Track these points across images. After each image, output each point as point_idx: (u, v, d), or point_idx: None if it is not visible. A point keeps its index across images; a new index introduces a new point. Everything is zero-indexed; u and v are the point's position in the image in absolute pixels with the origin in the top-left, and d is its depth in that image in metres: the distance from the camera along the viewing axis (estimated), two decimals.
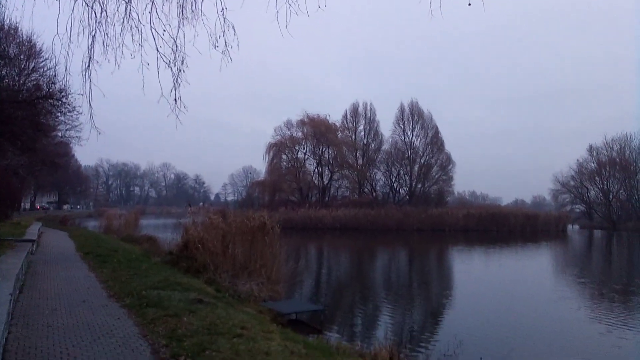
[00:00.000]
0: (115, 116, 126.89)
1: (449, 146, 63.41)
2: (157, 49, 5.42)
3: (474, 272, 21.58)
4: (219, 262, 11.93)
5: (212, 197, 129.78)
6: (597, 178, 74.79)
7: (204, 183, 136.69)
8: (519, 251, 32.01)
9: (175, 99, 5.46)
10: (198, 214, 15.16)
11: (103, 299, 7.95)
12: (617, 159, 73.71)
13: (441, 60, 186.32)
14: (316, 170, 61.67)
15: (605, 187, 74.34)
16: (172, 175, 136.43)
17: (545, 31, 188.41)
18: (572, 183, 76.79)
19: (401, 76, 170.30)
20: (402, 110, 63.52)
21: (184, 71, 5.51)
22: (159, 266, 12.38)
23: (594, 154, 75.93)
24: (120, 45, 5.20)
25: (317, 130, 58.82)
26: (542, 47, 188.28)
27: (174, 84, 5.41)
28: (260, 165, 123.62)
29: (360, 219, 50.34)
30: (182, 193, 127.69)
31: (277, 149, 59.42)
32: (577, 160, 77.16)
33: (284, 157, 60.85)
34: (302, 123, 60.38)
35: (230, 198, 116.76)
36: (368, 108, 64.02)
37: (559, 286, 17.48)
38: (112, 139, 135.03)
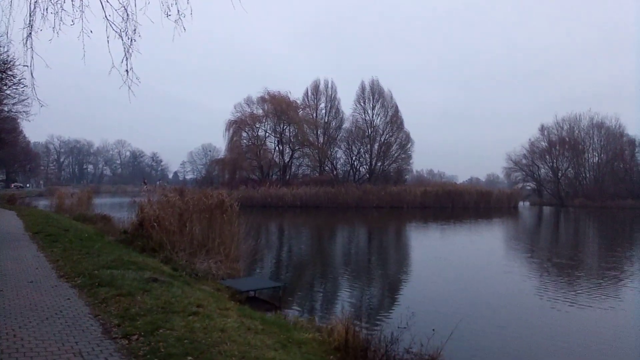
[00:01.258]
0: (65, 90, 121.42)
1: (407, 125, 64.37)
2: (105, 17, 5.17)
3: (429, 247, 22.26)
4: (175, 241, 11.74)
5: (171, 176, 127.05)
6: (547, 157, 78.21)
7: (161, 161, 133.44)
8: (473, 227, 33.19)
9: (127, 70, 5.25)
10: (154, 192, 14.80)
11: (52, 279, 7.68)
12: (567, 139, 77.20)
13: (401, 41, 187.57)
14: (277, 148, 61.29)
15: (555, 165, 77.89)
16: (128, 153, 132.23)
17: (500, 15, 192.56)
18: (524, 161, 79.91)
19: (362, 55, 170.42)
20: (362, 89, 63.80)
21: (135, 40, 5.29)
22: (112, 245, 12.06)
23: (545, 133, 79.22)
24: (60, 11, 4.90)
25: (278, 107, 58.17)
26: (498, 31, 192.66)
27: (125, 54, 5.19)
28: (220, 143, 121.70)
29: (320, 196, 50.69)
30: (139, 171, 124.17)
31: (237, 126, 58.44)
32: (529, 139, 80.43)
33: (245, 134, 59.98)
34: (262, 100, 59.55)
35: (189, 176, 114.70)
36: (329, 86, 63.85)
37: (508, 260, 18.31)
38: (63, 114, 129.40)
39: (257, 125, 60.13)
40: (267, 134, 60.95)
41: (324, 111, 64.02)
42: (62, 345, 4.62)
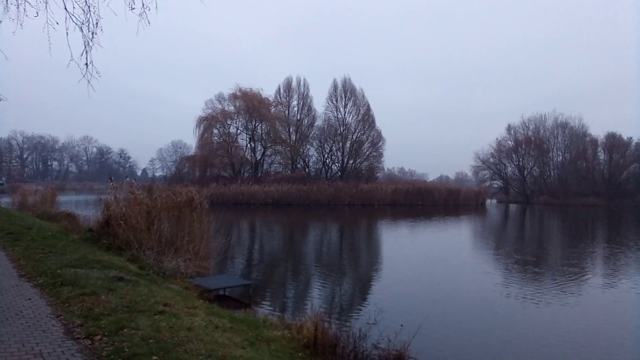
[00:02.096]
0: (27, 84, 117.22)
1: (379, 124, 64.89)
2: (65, 8, 5.02)
3: (399, 244, 22.53)
4: (143, 239, 11.52)
5: (139, 173, 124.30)
6: (514, 155, 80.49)
7: (129, 158, 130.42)
8: (441, 224, 33.77)
9: (87, 64, 5.11)
10: (121, 189, 14.46)
11: (13, 279, 7.43)
12: (532, 138, 79.60)
13: (373, 41, 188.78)
14: (249, 145, 60.85)
15: (521, 164, 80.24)
16: (95, 149, 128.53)
17: (471, 16, 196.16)
18: (491, 160, 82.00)
19: (333, 54, 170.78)
20: (335, 87, 63.94)
21: (96, 34, 5.16)
22: (77, 244, 11.75)
23: (512, 133, 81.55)
24: (23, 3, 4.74)
25: (250, 104, 57.72)
26: (467, 31, 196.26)
27: (85, 47, 5.04)
28: (190, 139, 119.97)
29: (292, 194, 50.64)
30: (106, 168, 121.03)
31: (208, 123, 57.73)
32: (497, 138, 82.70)
33: (216, 131, 59.31)
34: (234, 97, 59.00)
35: (158, 174, 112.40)
36: (302, 83, 63.74)
37: (475, 257, 18.74)
38: (26, 109, 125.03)
39: (229, 122, 59.57)
40: (239, 131, 60.52)
41: (296, 109, 63.97)
42: (22, 347, 4.49)
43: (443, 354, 7.15)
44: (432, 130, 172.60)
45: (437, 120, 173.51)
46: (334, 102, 63.67)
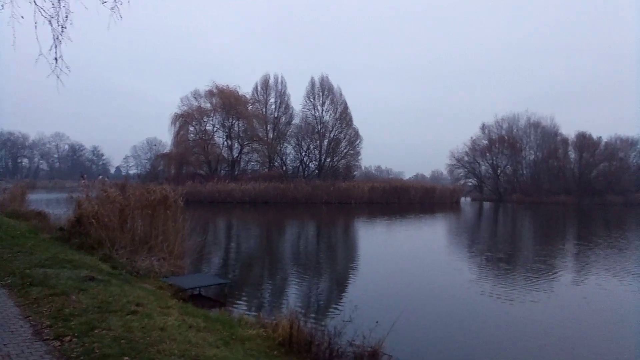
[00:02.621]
0: None
1: (356, 122, 65.18)
2: (34, 1, 4.89)
3: (376, 242, 22.72)
4: (115, 238, 11.32)
5: (113, 170, 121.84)
6: (487, 154, 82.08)
7: (102, 155, 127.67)
8: (417, 222, 34.16)
9: (56, 58, 4.99)
10: (93, 187, 14.17)
11: None
12: (506, 137, 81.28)
13: (350, 40, 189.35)
14: (225, 143, 60.33)
15: (495, 162, 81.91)
16: (67, 147, 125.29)
17: (447, 18, 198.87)
18: (466, 158, 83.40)
19: (311, 52, 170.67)
20: (312, 85, 63.93)
21: (66, 27, 5.03)
22: (47, 243, 11.47)
23: (486, 132, 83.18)
24: None
25: (227, 101, 57.22)
26: (444, 32, 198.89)
27: (55, 41, 4.91)
28: (165, 137, 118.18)
29: (270, 192, 50.45)
30: (78, 165, 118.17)
31: (184, 120, 56.96)
32: (471, 137, 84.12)
33: (192, 128, 58.59)
34: (210, 94, 58.36)
35: (132, 171, 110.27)
36: (279, 81, 63.50)
37: (450, 254, 19.05)
38: None
39: (205, 120, 58.93)
40: (215, 128, 59.94)
41: (273, 106, 63.75)
42: None
43: (417, 350, 7.24)
44: (409, 129, 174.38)
45: (414, 119, 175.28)
46: (312, 100, 63.76)
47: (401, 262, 16.53)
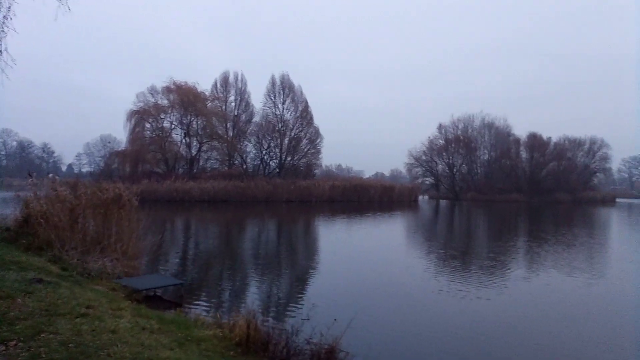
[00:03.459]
0: None
1: (317, 121, 65.36)
2: None
3: (336, 240, 22.87)
4: (66, 238, 10.87)
5: (65, 168, 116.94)
6: (444, 153, 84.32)
7: (53, 152, 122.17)
8: (376, 220, 34.63)
9: (1, 51, 4.75)
10: (42, 185, 13.54)
11: None
12: (461, 137, 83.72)
13: (311, 38, 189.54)
14: (184, 140, 59.00)
15: (451, 161, 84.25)
16: (14, 143, 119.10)
17: (407, 20, 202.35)
18: (423, 158, 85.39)
19: (271, 50, 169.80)
20: (273, 83, 63.56)
21: (10, 19, 4.79)
22: None
23: (443, 131, 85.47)
24: None
25: (185, 98, 56.00)
26: (403, 32, 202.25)
27: None
28: (120, 134, 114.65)
29: (229, 191, 49.83)
30: (27, 163, 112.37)
31: (140, 116, 55.32)
32: (429, 137, 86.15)
33: (148, 125, 56.96)
34: (168, 90, 56.95)
35: (85, 169, 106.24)
36: (239, 78, 62.78)
37: (408, 251, 19.43)
38: None
39: (162, 116, 57.44)
40: (173, 125, 58.52)
41: (233, 104, 62.94)
42: None
43: (373, 346, 7.34)
44: (370, 129, 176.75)
45: (374, 120, 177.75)
46: (272, 98, 63.42)
47: (360, 259, 16.73)
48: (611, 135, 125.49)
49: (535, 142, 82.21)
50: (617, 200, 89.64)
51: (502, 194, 75.16)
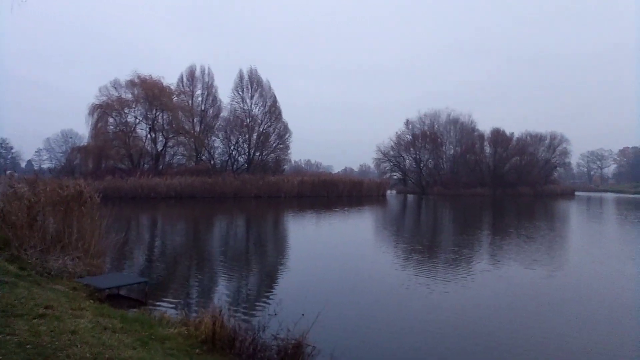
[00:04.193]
0: None
1: (286, 117, 65.11)
2: None
3: (305, 235, 22.92)
4: (24, 237, 10.48)
5: (24, 165, 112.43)
6: (411, 149, 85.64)
7: (12, 148, 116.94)
8: (345, 215, 34.89)
9: None
10: None
11: None
12: (428, 132, 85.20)
13: (279, 34, 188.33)
14: (149, 135, 57.60)
15: (418, 156, 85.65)
16: None
17: (376, 19, 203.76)
18: (391, 153, 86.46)
19: (239, 44, 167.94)
20: (241, 77, 62.86)
21: None
22: None
23: (410, 127, 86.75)
24: None
25: (150, 92, 54.65)
26: (372, 31, 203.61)
27: None
28: (82, 129, 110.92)
29: (197, 187, 49.07)
30: None
31: (103, 111, 53.64)
32: (397, 132, 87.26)
33: (111, 120, 55.30)
34: (132, 84, 55.41)
35: (46, 165, 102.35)
36: (206, 72, 61.70)
37: (375, 245, 19.69)
38: None
39: (126, 111, 55.88)
40: (138, 120, 57.02)
41: (200, 99, 61.84)
42: None
43: (340, 339, 7.42)
44: (339, 124, 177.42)
45: (343, 115, 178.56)
46: (240, 93, 62.73)
47: (329, 255, 16.82)
48: (570, 131, 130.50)
49: (499, 137, 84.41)
50: (576, 193, 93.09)
51: (467, 188, 76.90)
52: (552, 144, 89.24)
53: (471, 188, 77.04)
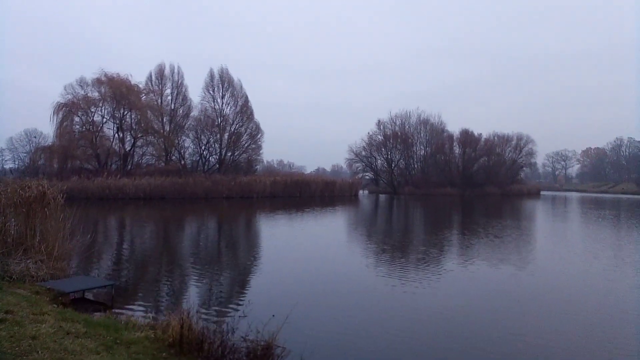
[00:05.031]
0: None
1: (258, 117, 64.71)
2: None
3: (277, 236, 22.83)
4: None
5: None
6: (383, 149, 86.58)
7: None
8: (318, 215, 34.95)
9: None
10: None
11: None
12: (399, 133, 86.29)
13: (251, 33, 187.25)
14: (117, 135, 56.25)
15: (389, 157, 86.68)
16: None
17: (350, 19, 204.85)
18: (363, 153, 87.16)
19: (209, 44, 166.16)
20: (211, 77, 62.14)
21: None
22: None
23: (381, 127, 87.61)
24: None
25: (117, 91, 53.36)
26: (346, 32, 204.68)
27: None
28: (47, 128, 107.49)
29: (167, 187, 48.22)
30: None
31: (69, 109, 52.08)
32: (368, 133, 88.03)
33: (77, 119, 53.71)
34: (99, 82, 53.98)
35: (8, 165, 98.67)
36: (175, 71, 60.63)
37: (347, 245, 19.78)
38: None
39: (93, 110, 54.42)
40: (105, 119, 55.60)
41: (169, 97, 60.71)
42: None
43: (311, 340, 7.42)
44: (312, 125, 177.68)
45: (316, 115, 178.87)
46: (211, 92, 61.99)
47: (300, 255, 16.82)
48: (536, 132, 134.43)
49: (467, 138, 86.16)
50: (542, 193, 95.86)
51: (437, 187, 78.19)
52: (518, 144, 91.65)
53: (441, 188, 78.36)
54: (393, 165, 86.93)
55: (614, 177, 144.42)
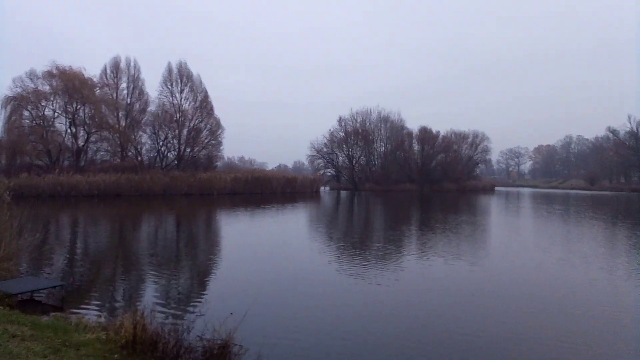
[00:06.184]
0: None
1: (219, 113, 63.77)
2: None
3: (238, 233, 22.63)
4: None
5: None
6: (344, 146, 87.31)
7: None
8: (279, 211, 34.88)
9: None
10: None
11: None
12: (360, 130, 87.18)
13: (212, 27, 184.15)
14: (69, 130, 54.04)
15: (350, 153, 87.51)
16: None
17: (315, 15, 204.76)
18: (325, 149, 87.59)
19: (167, 38, 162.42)
20: (170, 71, 60.62)
21: None
22: None
23: (342, 124, 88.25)
24: None
25: (70, 84, 51.23)
26: (308, 27, 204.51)
27: None
28: None
29: (122, 184, 46.85)
30: None
31: (17, 103, 49.63)
32: (330, 129, 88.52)
33: (27, 113, 51.27)
34: (50, 75, 51.67)
35: None
36: (132, 64, 58.81)
37: (307, 242, 19.84)
38: None
39: (44, 104, 52.01)
40: (57, 114, 53.27)
41: (125, 92, 58.89)
42: None
43: (268, 338, 7.40)
44: (273, 121, 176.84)
45: (278, 112, 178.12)
46: (169, 87, 60.50)
47: (261, 252, 16.75)
48: (491, 129, 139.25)
49: (426, 135, 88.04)
50: (496, 188, 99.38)
51: (397, 184, 79.65)
52: (474, 141, 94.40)
53: (401, 184, 79.86)
54: (354, 161, 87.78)
55: (563, 173, 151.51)
